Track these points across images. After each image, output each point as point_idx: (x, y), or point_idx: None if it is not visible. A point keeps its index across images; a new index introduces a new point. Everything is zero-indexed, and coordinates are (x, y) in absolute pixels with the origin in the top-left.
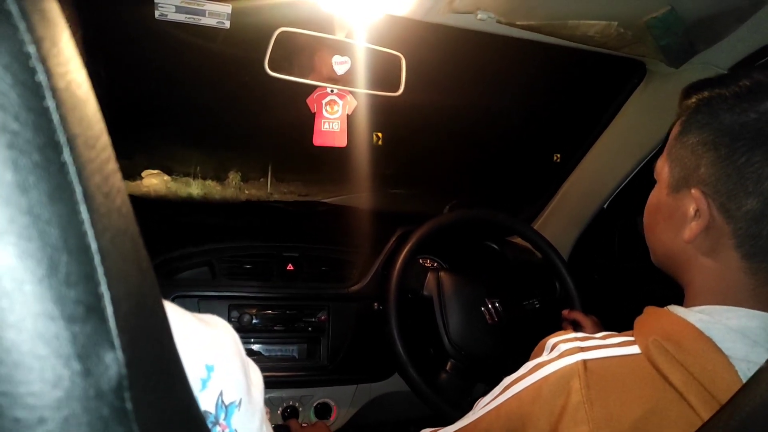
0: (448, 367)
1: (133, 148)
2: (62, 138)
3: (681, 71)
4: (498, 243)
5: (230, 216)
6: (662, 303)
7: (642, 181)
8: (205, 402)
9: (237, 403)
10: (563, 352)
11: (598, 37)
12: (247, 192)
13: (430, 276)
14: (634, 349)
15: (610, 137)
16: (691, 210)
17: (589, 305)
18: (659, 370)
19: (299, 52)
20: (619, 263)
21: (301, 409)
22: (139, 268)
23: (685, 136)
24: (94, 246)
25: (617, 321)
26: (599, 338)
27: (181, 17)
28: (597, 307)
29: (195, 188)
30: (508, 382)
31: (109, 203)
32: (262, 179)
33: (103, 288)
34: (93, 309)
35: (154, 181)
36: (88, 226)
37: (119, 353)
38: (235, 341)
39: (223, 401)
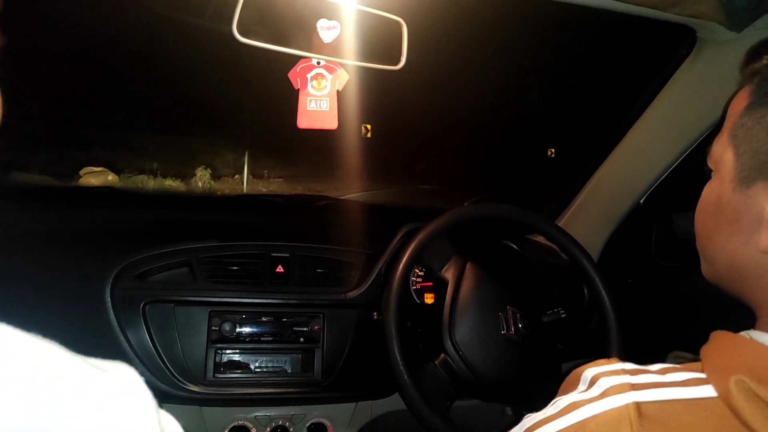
0: (437, 361)
1: (89, 137)
2: None
3: (740, 38)
4: (517, 242)
5: (213, 210)
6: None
7: (688, 172)
8: None
9: None
10: (608, 390)
11: None
12: (218, 193)
13: (455, 259)
14: (707, 391)
15: (649, 121)
16: None
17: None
18: (746, 423)
19: (276, 14)
20: (656, 265)
21: (292, 429)
22: None
23: (756, 111)
24: None
25: (656, 335)
26: (656, 372)
27: None
28: (631, 316)
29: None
30: (532, 423)
31: None
32: (236, 176)
33: None
34: None
35: (93, 181)
36: None
37: None
38: (139, 402)
39: None
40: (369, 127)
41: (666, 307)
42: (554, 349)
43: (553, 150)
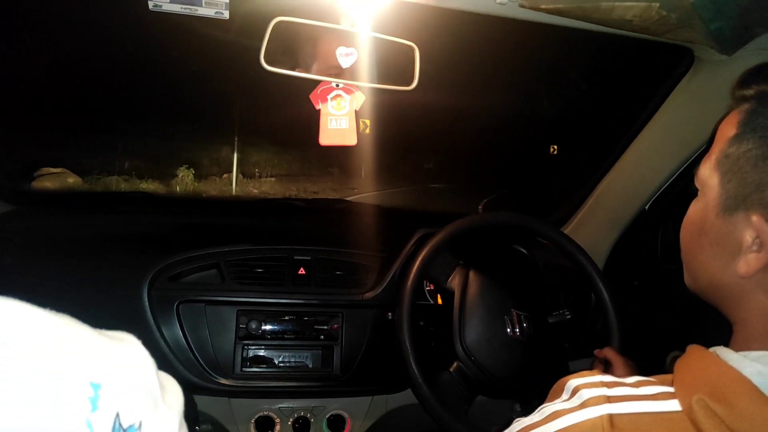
0: (452, 368)
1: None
2: None
3: (735, 58)
4: (526, 246)
5: (240, 215)
6: (710, 318)
7: (690, 180)
8: (99, 425)
9: (137, 426)
10: (586, 401)
11: (636, 21)
12: (204, 195)
13: (458, 271)
14: (674, 405)
15: (653, 132)
16: (749, 238)
17: (627, 316)
18: None
19: (299, 43)
20: (660, 268)
21: (313, 420)
22: None
23: (742, 143)
24: None
25: (658, 335)
26: (631, 385)
27: (176, 8)
28: (637, 316)
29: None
30: (520, 428)
31: None
32: (225, 175)
33: None
34: None
35: (48, 184)
36: None
37: None
38: (142, 359)
39: (120, 424)
40: (368, 122)
41: (670, 309)
42: (561, 348)
43: (555, 147)
